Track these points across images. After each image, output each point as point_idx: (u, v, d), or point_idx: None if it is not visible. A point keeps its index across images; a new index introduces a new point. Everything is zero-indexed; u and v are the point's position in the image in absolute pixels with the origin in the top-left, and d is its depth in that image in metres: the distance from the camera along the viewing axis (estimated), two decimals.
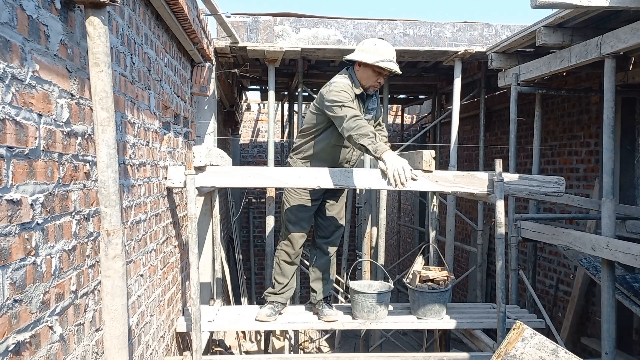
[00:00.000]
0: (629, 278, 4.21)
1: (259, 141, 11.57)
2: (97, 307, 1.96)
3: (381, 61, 3.33)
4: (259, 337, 7.74)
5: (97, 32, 1.74)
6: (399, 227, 11.21)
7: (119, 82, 2.22)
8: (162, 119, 3.15)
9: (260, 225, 10.60)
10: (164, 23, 3.21)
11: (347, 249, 7.55)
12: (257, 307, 4.00)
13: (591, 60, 4.09)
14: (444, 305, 3.76)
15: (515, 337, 2.16)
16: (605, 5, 3.33)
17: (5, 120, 1.31)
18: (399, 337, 7.62)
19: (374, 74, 3.40)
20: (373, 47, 3.39)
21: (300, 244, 3.75)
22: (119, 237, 1.87)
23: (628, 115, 5.23)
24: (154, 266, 2.90)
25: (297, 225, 3.71)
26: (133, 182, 2.47)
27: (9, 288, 1.32)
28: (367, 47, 3.40)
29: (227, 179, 3.37)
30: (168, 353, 3.31)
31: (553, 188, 3.47)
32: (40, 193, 1.50)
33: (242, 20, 5.66)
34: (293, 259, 3.77)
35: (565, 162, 5.98)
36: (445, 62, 5.93)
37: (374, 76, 3.40)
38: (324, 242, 3.82)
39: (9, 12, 1.33)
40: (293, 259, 3.77)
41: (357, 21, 5.78)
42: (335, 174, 3.31)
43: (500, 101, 7.29)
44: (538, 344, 2.10)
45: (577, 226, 5.51)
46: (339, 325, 3.81)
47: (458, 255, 8.46)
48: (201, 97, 4.83)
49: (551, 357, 2.05)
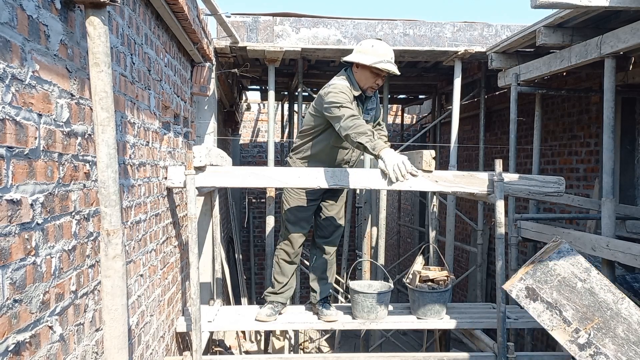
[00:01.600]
0: (629, 278, 4.21)
1: (259, 141, 11.57)
2: (97, 307, 1.96)
3: (379, 62, 3.31)
4: (259, 337, 7.74)
5: (97, 32, 1.74)
6: (399, 227, 11.21)
7: (119, 82, 2.22)
8: (162, 119, 3.15)
9: (260, 225, 10.60)
10: (164, 23, 3.21)
11: (347, 249, 7.55)
12: (257, 307, 4.00)
13: (591, 60, 4.09)
14: (444, 305, 3.76)
15: (552, 248, 2.15)
16: (605, 5, 3.33)
17: (5, 120, 1.31)
18: (399, 337, 7.62)
19: (372, 75, 3.39)
20: (371, 48, 3.37)
21: (299, 243, 3.75)
22: (119, 237, 1.87)
23: (628, 115, 5.23)
24: (154, 266, 2.90)
25: (296, 225, 3.71)
26: (133, 182, 2.47)
27: (9, 288, 1.32)
28: (365, 48, 3.38)
29: (227, 179, 3.37)
30: (168, 353, 3.31)
31: (553, 188, 3.47)
32: (40, 193, 1.50)
33: (242, 20, 5.66)
34: (292, 258, 3.77)
35: (565, 162, 5.98)
36: (445, 62, 5.93)
37: (372, 77, 3.40)
38: (323, 241, 3.83)
39: (9, 12, 1.33)
40: (292, 258, 3.77)
41: (357, 21, 5.78)
42: (335, 174, 3.31)
43: (500, 101, 7.29)
44: (572, 260, 2.09)
45: (577, 226, 5.50)
46: (339, 325, 3.81)
47: (458, 255, 8.46)
48: (201, 97, 4.83)
49: (583, 274, 2.03)
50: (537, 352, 5.62)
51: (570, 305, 1.99)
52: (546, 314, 2.02)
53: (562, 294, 2.03)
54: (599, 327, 1.95)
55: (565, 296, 2.02)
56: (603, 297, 1.98)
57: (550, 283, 2.05)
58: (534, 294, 2.03)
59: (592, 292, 2.01)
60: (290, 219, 3.72)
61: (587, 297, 2.02)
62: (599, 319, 1.96)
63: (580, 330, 1.95)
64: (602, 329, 1.94)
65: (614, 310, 1.94)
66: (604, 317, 1.96)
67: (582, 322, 1.95)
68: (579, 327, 1.96)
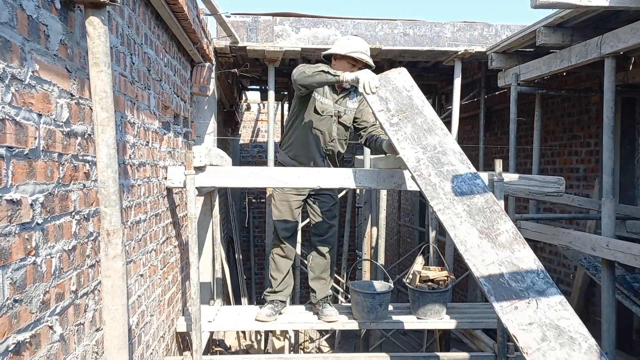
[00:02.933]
0: (629, 278, 4.21)
1: (258, 141, 11.57)
2: (97, 307, 1.96)
3: (354, 52, 3.49)
4: (259, 337, 7.74)
5: (97, 32, 1.74)
6: (399, 227, 11.20)
7: (118, 82, 2.22)
8: (162, 119, 3.15)
9: (260, 225, 10.60)
10: (164, 23, 3.21)
11: (347, 249, 7.55)
12: (257, 307, 4.00)
13: (591, 60, 4.09)
14: (444, 305, 3.76)
15: (395, 70, 3.12)
16: (605, 5, 3.33)
17: (5, 120, 1.31)
18: (399, 337, 7.61)
19: (349, 66, 3.51)
20: (347, 41, 3.60)
21: (286, 237, 3.79)
22: (119, 237, 1.87)
23: (628, 115, 5.23)
24: (154, 266, 2.90)
25: (281, 221, 3.79)
26: (133, 182, 2.47)
27: (9, 288, 1.32)
28: (341, 42, 3.62)
29: (227, 179, 3.37)
30: (168, 353, 3.31)
31: (553, 188, 3.47)
32: (40, 193, 1.50)
33: (242, 20, 5.66)
34: (286, 252, 3.80)
35: (565, 162, 5.98)
36: (445, 62, 5.93)
37: (349, 68, 3.50)
38: (318, 240, 3.85)
39: (9, 12, 1.33)
40: (286, 252, 3.80)
41: (357, 21, 5.78)
42: (335, 174, 3.32)
43: (500, 101, 7.29)
44: (405, 77, 3.10)
45: (577, 226, 5.51)
46: (339, 325, 3.81)
47: (458, 255, 8.42)
48: (201, 97, 4.83)
49: (409, 87, 3.06)
50: None
51: (393, 102, 2.97)
52: (378, 103, 2.98)
53: (392, 94, 3.00)
54: (406, 117, 2.93)
55: (393, 96, 2.99)
56: (415, 102, 2.98)
57: (385, 87, 3.02)
58: (375, 90, 3.03)
59: (410, 98, 3.00)
60: (275, 214, 3.82)
61: (406, 100, 2.99)
62: (408, 112, 2.94)
63: (395, 116, 2.93)
64: (408, 118, 2.92)
65: (420, 110, 2.96)
66: (412, 112, 2.94)
67: (397, 111, 2.94)
68: (395, 114, 2.93)
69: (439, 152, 2.81)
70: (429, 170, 2.74)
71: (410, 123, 2.88)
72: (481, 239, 2.54)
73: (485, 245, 2.52)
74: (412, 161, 2.78)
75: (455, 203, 2.66)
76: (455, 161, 2.79)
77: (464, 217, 2.61)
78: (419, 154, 2.79)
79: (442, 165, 2.76)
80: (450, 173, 2.74)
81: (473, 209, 2.63)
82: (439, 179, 2.72)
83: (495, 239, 2.53)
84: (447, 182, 2.70)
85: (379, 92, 2.98)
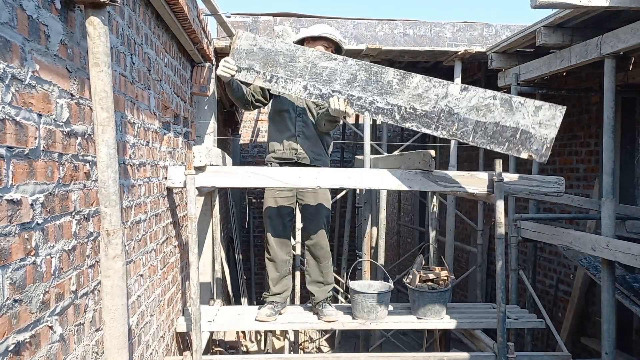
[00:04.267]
0: (629, 278, 4.21)
1: (259, 141, 11.56)
2: (97, 307, 1.96)
3: (326, 33, 3.70)
4: (259, 337, 7.74)
5: (97, 32, 1.74)
6: (399, 227, 11.20)
7: (118, 82, 2.22)
8: (162, 119, 3.15)
9: (260, 225, 10.58)
10: (164, 23, 3.21)
11: (347, 249, 7.55)
12: (257, 307, 4.00)
13: (591, 60, 4.09)
14: (444, 305, 3.76)
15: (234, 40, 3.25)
16: (605, 5, 3.33)
17: (5, 120, 1.31)
18: (399, 337, 7.62)
19: (322, 49, 3.57)
20: (315, 26, 3.84)
21: (274, 235, 3.79)
22: (119, 237, 1.87)
23: (628, 115, 5.23)
24: (153, 266, 2.90)
25: (270, 219, 3.80)
26: (133, 182, 2.47)
27: (9, 288, 1.32)
28: (310, 29, 3.83)
29: (227, 179, 3.37)
30: (168, 353, 3.31)
31: (553, 188, 3.47)
32: (40, 193, 1.50)
33: (242, 20, 5.66)
34: (272, 255, 3.80)
35: (565, 162, 5.98)
36: (445, 62, 5.93)
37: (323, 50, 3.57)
38: (308, 242, 3.86)
39: (9, 12, 1.33)
40: (272, 255, 3.80)
41: (357, 21, 5.79)
42: (335, 174, 3.32)
43: None
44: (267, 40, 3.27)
45: (577, 226, 5.50)
46: (339, 325, 3.81)
47: (458, 255, 8.45)
48: (201, 97, 4.83)
49: (268, 44, 3.21)
50: (537, 352, 5.62)
51: (256, 62, 3.19)
52: (250, 76, 3.20)
53: (249, 58, 3.19)
54: (272, 65, 3.16)
55: (250, 59, 3.19)
56: (266, 47, 3.17)
57: (241, 58, 3.20)
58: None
59: (262, 49, 3.17)
60: (265, 214, 3.84)
61: (262, 54, 3.17)
62: (271, 60, 3.16)
63: (266, 72, 3.17)
64: (274, 65, 3.16)
65: (284, 53, 3.15)
66: (272, 59, 3.16)
67: (264, 67, 3.17)
68: (265, 72, 3.17)
69: (313, 70, 3.16)
70: (319, 86, 3.15)
71: (280, 67, 3.17)
72: None
73: None
74: (301, 92, 3.18)
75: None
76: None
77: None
78: (301, 84, 3.15)
79: (322, 76, 3.17)
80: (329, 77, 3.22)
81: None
82: (326, 86, 3.16)
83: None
84: (334, 83, 3.19)
85: (241, 66, 3.18)
